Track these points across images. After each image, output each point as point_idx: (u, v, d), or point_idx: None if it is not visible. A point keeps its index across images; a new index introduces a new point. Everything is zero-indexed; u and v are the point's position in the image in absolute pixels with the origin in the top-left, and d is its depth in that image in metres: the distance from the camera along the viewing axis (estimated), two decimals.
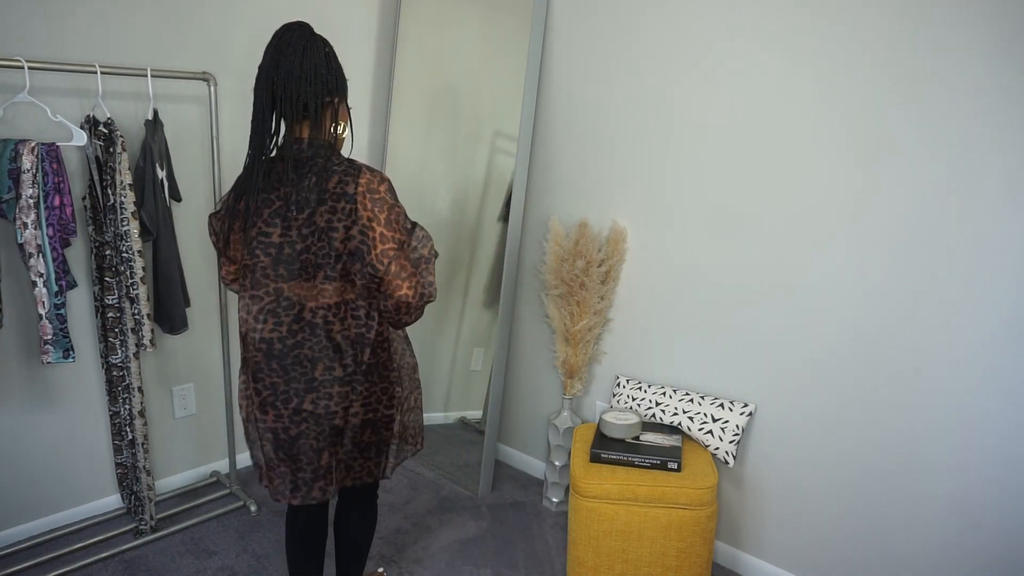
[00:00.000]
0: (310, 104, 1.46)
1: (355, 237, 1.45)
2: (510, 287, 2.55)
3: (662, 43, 2.19)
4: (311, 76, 1.45)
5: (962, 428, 1.76)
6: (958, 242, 1.70)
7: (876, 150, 1.80)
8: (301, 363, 1.50)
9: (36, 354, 2.17)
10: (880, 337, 1.86)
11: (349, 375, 1.52)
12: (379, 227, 1.44)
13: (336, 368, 1.51)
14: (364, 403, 1.56)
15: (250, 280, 1.52)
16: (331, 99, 1.50)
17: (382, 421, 1.61)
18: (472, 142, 2.75)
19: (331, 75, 1.49)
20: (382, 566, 2.20)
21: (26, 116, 2.02)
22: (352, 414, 1.55)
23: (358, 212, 1.44)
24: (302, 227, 1.46)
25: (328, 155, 1.49)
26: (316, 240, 1.45)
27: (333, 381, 1.51)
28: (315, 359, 1.50)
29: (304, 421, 1.53)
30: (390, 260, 1.45)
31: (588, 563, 2.01)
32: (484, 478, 2.64)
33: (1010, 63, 1.58)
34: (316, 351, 1.50)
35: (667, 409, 2.22)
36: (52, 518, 2.32)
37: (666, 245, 2.28)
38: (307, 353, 1.50)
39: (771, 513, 2.14)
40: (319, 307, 1.48)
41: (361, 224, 1.44)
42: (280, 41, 1.46)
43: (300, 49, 1.45)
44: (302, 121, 1.49)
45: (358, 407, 1.56)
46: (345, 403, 1.53)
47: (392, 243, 1.45)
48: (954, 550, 1.81)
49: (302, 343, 1.50)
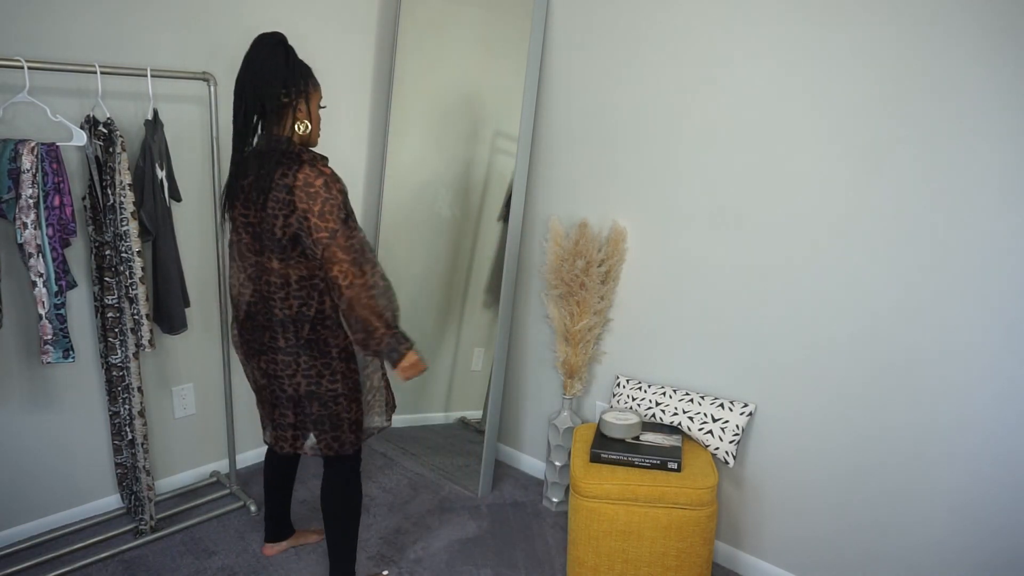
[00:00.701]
0: (267, 105, 1.67)
1: (293, 224, 1.65)
2: (510, 287, 2.55)
3: (662, 43, 2.19)
4: (269, 80, 1.66)
5: (961, 427, 1.76)
6: (956, 242, 1.70)
7: (874, 151, 1.80)
8: (260, 328, 1.77)
9: (36, 354, 2.17)
10: (879, 337, 1.86)
11: (290, 347, 1.75)
12: (313, 217, 1.63)
13: (279, 339, 1.75)
14: (306, 375, 1.77)
15: (236, 252, 1.79)
16: (289, 100, 1.69)
17: (327, 395, 1.79)
18: (472, 142, 2.75)
19: (290, 78, 1.68)
20: (385, 569, 2.20)
21: (26, 116, 2.02)
22: (296, 384, 1.78)
23: (295, 203, 1.63)
24: (260, 211, 1.68)
25: (286, 149, 1.68)
26: (265, 223, 1.68)
27: (276, 350, 1.76)
28: (264, 327, 1.76)
29: (264, 376, 1.82)
30: (323, 247, 1.64)
31: (588, 563, 2.01)
32: (484, 478, 2.64)
33: (1003, 65, 1.58)
34: (265, 320, 1.76)
35: (667, 409, 2.22)
36: (52, 518, 2.32)
37: (666, 245, 2.28)
38: (261, 321, 1.77)
39: (771, 513, 2.14)
40: (269, 282, 1.72)
41: (298, 214, 1.64)
42: (250, 49, 1.69)
43: (262, 56, 1.66)
44: (268, 119, 1.70)
45: (300, 378, 1.77)
46: (288, 371, 1.77)
47: (324, 232, 1.63)
48: (953, 548, 1.81)
49: (260, 312, 1.76)
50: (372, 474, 2.78)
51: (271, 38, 1.68)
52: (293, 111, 1.71)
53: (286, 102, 1.69)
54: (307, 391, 1.78)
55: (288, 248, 1.67)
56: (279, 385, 1.79)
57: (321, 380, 1.78)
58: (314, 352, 1.76)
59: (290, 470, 2.14)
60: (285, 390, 1.79)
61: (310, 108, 1.74)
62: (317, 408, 1.80)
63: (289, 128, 1.72)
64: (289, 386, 1.78)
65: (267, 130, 1.71)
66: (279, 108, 1.69)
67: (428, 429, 3.04)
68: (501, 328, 2.57)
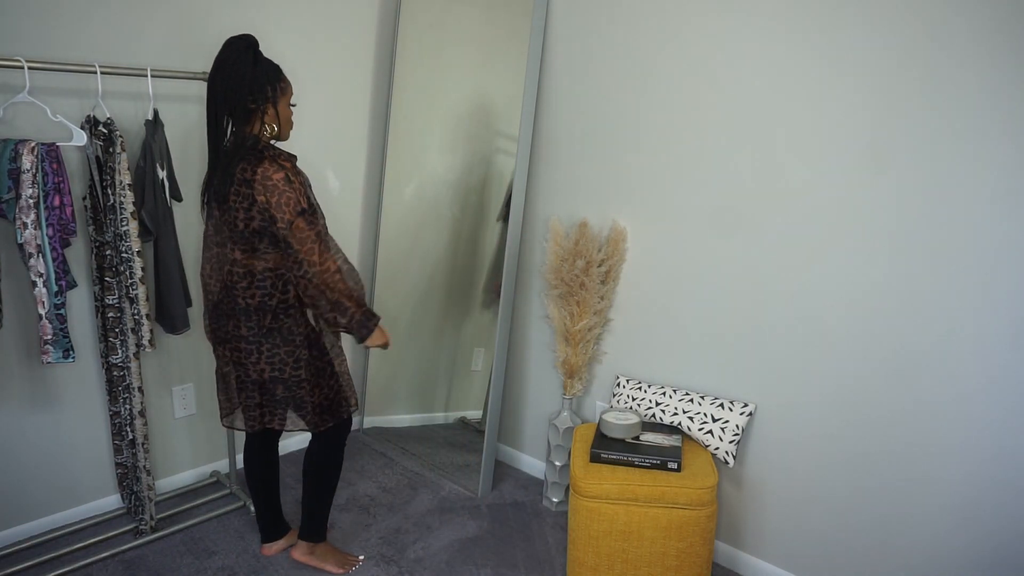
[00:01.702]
0: (234, 109, 1.78)
1: (255, 217, 1.76)
2: (510, 287, 2.55)
3: (663, 43, 2.19)
4: (235, 87, 1.76)
5: (962, 428, 1.76)
6: (959, 244, 1.70)
7: (875, 152, 1.80)
8: (225, 315, 1.87)
9: (36, 354, 2.17)
10: (880, 337, 1.86)
11: (253, 335, 1.84)
12: (271, 209, 1.74)
13: (242, 327, 1.85)
14: (268, 362, 1.87)
15: (205, 243, 1.91)
16: (256, 106, 1.79)
17: (291, 380, 1.89)
18: (472, 142, 2.75)
19: (255, 85, 1.77)
20: (362, 555, 2.27)
21: (26, 116, 2.02)
22: (260, 370, 1.87)
23: (254, 196, 1.74)
24: (223, 204, 1.80)
25: (251, 145, 1.78)
26: (227, 216, 1.79)
27: (239, 338, 1.86)
28: (229, 316, 1.86)
29: (229, 363, 1.92)
30: (283, 236, 1.75)
31: (588, 563, 2.01)
32: (484, 478, 2.64)
33: (1003, 65, 1.58)
34: (229, 309, 1.85)
35: (667, 409, 2.22)
36: (52, 518, 2.32)
37: (666, 245, 2.28)
38: (225, 309, 1.86)
39: (771, 513, 2.14)
40: (232, 272, 1.82)
41: (258, 206, 1.75)
42: (220, 52, 1.78)
43: (230, 61, 1.76)
44: (238, 121, 1.80)
45: (264, 364, 1.87)
46: (252, 358, 1.86)
47: (281, 223, 1.74)
48: (954, 548, 1.81)
49: (225, 301, 1.85)
50: (372, 474, 2.78)
51: (240, 42, 1.78)
52: (261, 114, 1.82)
53: (252, 108, 1.79)
54: (271, 376, 1.88)
55: (254, 240, 1.79)
56: (244, 371, 1.89)
57: (284, 367, 1.88)
58: (276, 340, 1.86)
59: (271, 466, 2.17)
60: (250, 375, 1.89)
61: (278, 111, 1.84)
62: (282, 391, 1.91)
63: (257, 128, 1.83)
64: (253, 371, 1.88)
65: (237, 129, 1.81)
66: (246, 113, 1.79)
67: (428, 429, 3.05)
68: (501, 328, 2.57)
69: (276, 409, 1.94)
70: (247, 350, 1.86)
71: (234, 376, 1.94)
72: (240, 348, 1.86)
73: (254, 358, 1.86)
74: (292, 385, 1.90)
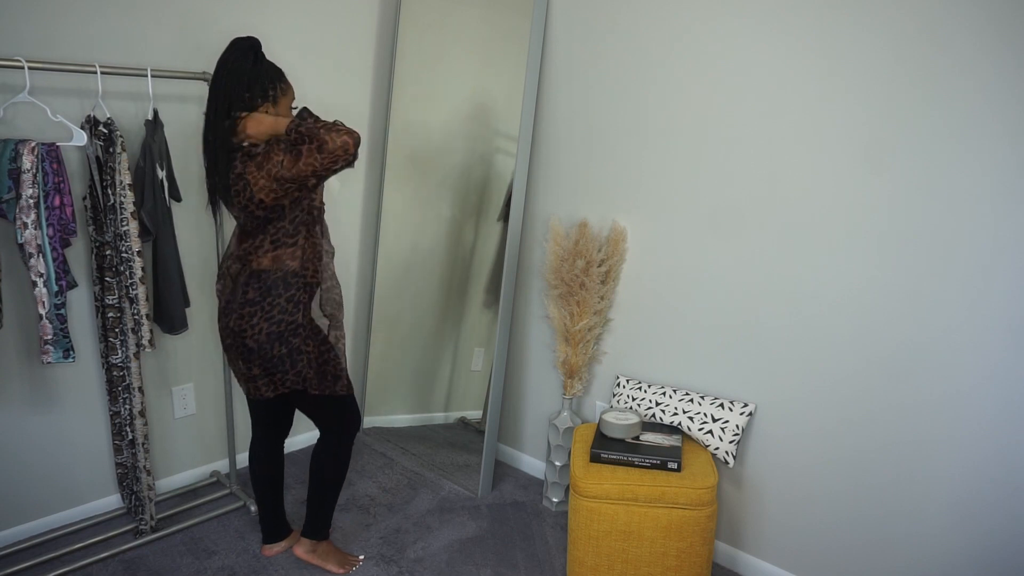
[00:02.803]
0: (234, 107, 1.81)
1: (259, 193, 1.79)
2: (510, 287, 2.55)
3: (663, 42, 2.19)
4: (235, 87, 1.80)
5: (960, 426, 1.76)
6: (956, 243, 1.70)
7: (875, 152, 1.80)
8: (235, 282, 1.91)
9: (36, 354, 2.17)
10: (880, 337, 1.86)
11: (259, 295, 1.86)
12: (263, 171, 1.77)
13: (250, 291, 1.87)
14: (267, 317, 1.87)
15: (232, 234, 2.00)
16: (255, 107, 1.82)
17: (288, 330, 1.88)
18: (472, 142, 2.76)
19: (255, 86, 1.81)
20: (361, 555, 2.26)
21: (26, 116, 2.02)
22: (258, 331, 1.87)
23: (247, 177, 1.78)
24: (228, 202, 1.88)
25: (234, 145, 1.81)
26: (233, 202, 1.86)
27: (245, 303, 1.87)
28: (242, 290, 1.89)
29: (231, 334, 1.93)
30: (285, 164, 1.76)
31: (588, 563, 2.01)
32: (484, 478, 2.64)
33: (1007, 68, 1.58)
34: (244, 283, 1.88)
35: (667, 409, 2.22)
36: (52, 518, 2.32)
37: (666, 245, 2.28)
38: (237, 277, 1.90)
39: (771, 513, 2.14)
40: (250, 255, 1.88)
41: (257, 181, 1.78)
42: (224, 52, 1.82)
43: (232, 61, 1.80)
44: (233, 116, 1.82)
45: (263, 322, 1.87)
46: (255, 320, 1.87)
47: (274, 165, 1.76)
48: (955, 548, 1.81)
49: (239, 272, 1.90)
50: (372, 474, 2.78)
51: (243, 43, 1.82)
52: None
53: (251, 105, 1.82)
54: (268, 334, 1.88)
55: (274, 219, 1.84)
56: (242, 341, 1.90)
57: (282, 321, 1.88)
58: (279, 290, 1.87)
59: (277, 466, 2.19)
60: (248, 345, 1.89)
61: (278, 111, 1.87)
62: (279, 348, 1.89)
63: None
64: (252, 341, 1.88)
65: (230, 126, 1.83)
66: (244, 110, 1.82)
67: (428, 429, 3.05)
68: (501, 328, 2.57)
69: (276, 371, 1.91)
70: (250, 313, 1.86)
71: (234, 348, 1.93)
72: (243, 314, 1.87)
73: (256, 319, 1.86)
74: (288, 335, 1.88)
